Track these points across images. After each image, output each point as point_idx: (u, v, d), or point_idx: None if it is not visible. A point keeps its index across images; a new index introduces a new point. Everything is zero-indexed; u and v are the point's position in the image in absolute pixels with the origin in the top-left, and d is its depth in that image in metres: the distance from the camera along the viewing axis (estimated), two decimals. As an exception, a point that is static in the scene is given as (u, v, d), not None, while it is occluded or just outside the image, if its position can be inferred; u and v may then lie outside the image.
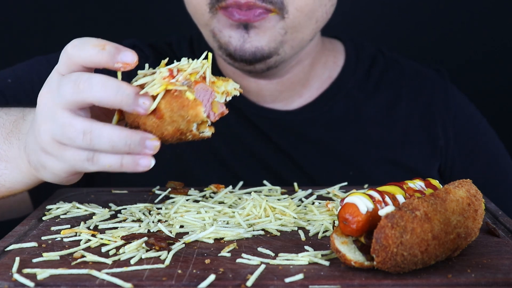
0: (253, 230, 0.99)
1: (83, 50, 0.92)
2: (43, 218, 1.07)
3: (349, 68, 1.50)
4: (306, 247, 0.92)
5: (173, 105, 0.90)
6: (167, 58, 0.98)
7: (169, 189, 1.19)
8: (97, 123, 0.92)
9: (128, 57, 0.91)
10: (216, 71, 1.45)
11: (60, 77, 0.94)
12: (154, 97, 0.90)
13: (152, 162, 0.93)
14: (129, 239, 0.93)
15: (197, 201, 1.14)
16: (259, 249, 0.91)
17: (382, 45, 1.58)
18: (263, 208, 1.05)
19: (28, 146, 1.01)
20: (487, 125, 1.55)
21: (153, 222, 1.03)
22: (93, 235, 0.97)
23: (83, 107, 0.93)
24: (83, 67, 0.93)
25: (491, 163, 1.53)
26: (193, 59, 0.99)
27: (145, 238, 0.92)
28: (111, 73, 0.94)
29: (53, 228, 1.02)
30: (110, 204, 1.14)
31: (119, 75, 0.94)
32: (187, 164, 1.43)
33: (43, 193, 1.36)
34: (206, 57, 0.95)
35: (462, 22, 2.06)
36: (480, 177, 1.50)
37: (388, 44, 1.67)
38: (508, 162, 1.56)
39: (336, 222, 0.97)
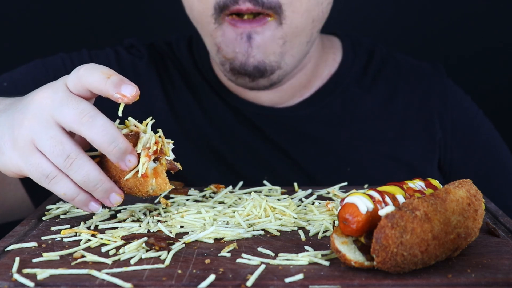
0: (253, 230, 0.99)
1: (92, 75, 0.95)
2: (43, 218, 1.07)
3: (346, 64, 1.51)
4: (306, 247, 0.92)
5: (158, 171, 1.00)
6: (150, 119, 1.02)
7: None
8: (83, 155, 0.96)
9: (128, 90, 0.95)
10: (217, 82, 1.46)
11: (68, 93, 0.96)
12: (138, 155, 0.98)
13: (100, 210, 1.01)
14: (129, 239, 0.93)
15: (197, 201, 1.14)
16: (259, 249, 0.91)
17: (378, 41, 1.59)
18: (263, 208, 1.05)
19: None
20: (483, 117, 1.56)
21: (153, 222, 1.03)
22: (93, 235, 0.97)
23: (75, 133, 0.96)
24: (89, 91, 0.97)
25: (489, 155, 1.54)
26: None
27: (145, 238, 0.92)
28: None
29: (53, 228, 1.02)
30: (110, 204, 1.14)
31: (121, 107, 0.98)
32: (186, 162, 1.43)
33: (43, 193, 1.36)
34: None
35: (459, 18, 2.06)
36: (479, 168, 1.51)
37: (384, 40, 1.67)
38: (506, 152, 1.57)
39: (336, 222, 0.97)
